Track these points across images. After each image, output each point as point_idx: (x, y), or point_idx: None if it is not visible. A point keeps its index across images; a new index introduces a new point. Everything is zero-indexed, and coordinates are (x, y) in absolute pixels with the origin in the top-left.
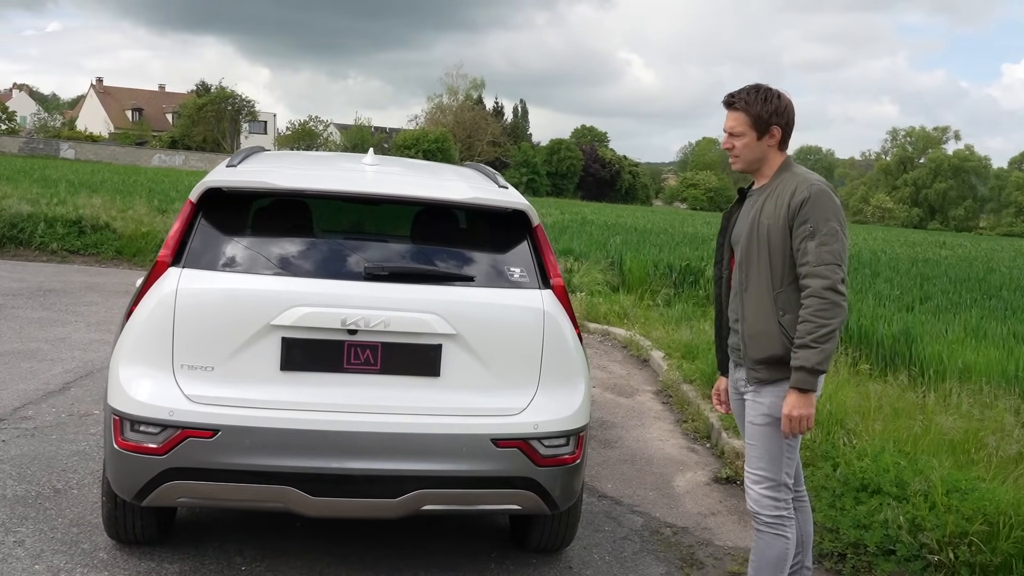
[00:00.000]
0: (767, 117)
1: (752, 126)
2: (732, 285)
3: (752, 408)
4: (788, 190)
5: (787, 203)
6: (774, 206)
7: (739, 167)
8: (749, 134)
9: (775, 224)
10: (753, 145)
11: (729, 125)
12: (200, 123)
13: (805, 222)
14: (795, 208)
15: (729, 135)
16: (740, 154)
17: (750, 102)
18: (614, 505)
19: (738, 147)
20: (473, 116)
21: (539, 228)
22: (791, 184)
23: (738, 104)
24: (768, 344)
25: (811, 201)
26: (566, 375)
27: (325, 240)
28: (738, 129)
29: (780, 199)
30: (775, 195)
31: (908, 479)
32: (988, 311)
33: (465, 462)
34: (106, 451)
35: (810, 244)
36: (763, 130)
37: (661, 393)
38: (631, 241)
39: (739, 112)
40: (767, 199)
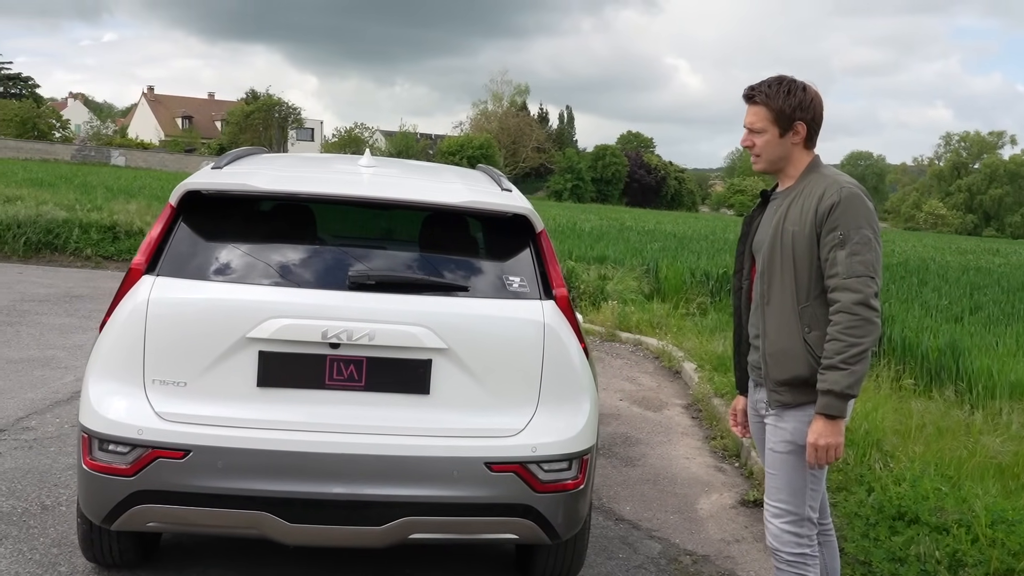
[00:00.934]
0: (790, 112)
1: (774, 122)
2: (753, 297)
3: (773, 434)
4: (816, 193)
5: (814, 208)
6: (800, 211)
7: (760, 167)
8: (771, 130)
9: (800, 231)
10: (775, 143)
11: (749, 120)
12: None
13: (834, 229)
14: (823, 213)
15: (749, 131)
16: (761, 152)
17: (771, 95)
18: (631, 529)
19: (759, 145)
20: (517, 122)
21: (543, 234)
22: (819, 187)
23: (758, 97)
24: (792, 364)
25: (841, 206)
26: (569, 393)
27: (308, 247)
28: (758, 125)
29: (807, 203)
30: (801, 198)
31: (949, 507)
32: None
33: (456, 487)
34: (77, 471)
35: (840, 253)
36: (786, 126)
37: (691, 407)
38: (669, 248)
39: (759, 106)
40: (792, 203)
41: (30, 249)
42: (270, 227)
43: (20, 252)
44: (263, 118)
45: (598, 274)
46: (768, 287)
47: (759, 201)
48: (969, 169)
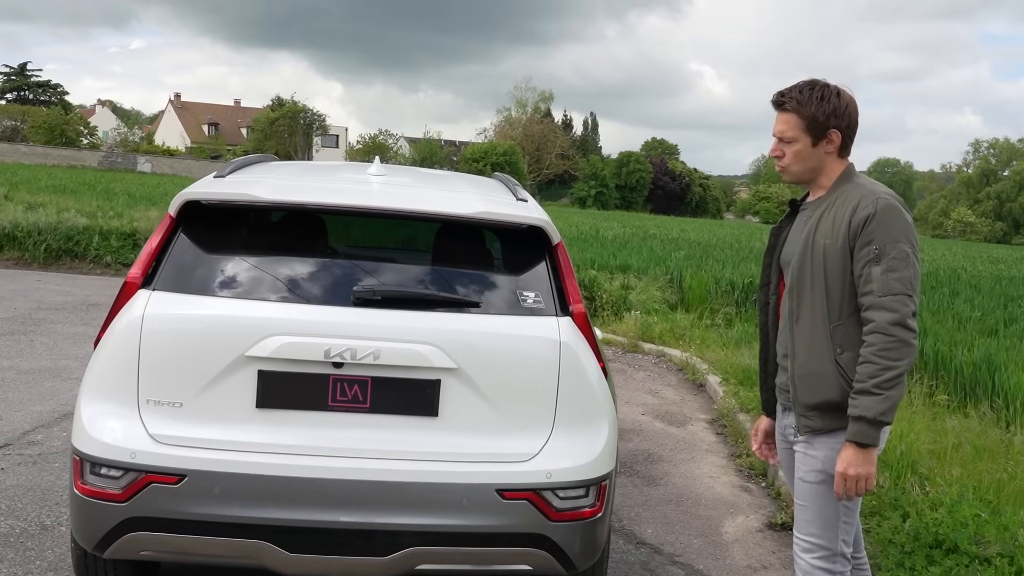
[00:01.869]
0: (824, 119)
1: (806, 130)
2: (781, 314)
3: (803, 462)
4: (849, 204)
5: (848, 220)
6: (832, 223)
7: (790, 178)
8: (803, 139)
9: (833, 244)
10: (807, 153)
11: (779, 129)
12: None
13: (869, 243)
14: (857, 226)
15: (779, 140)
16: (790, 163)
17: (803, 102)
18: (653, 554)
19: (788, 155)
20: (542, 129)
21: (560, 246)
22: (853, 197)
23: (789, 104)
24: (822, 387)
25: (877, 218)
26: (586, 415)
27: (311, 260)
28: (789, 134)
29: (839, 215)
30: (833, 210)
31: (990, 536)
32: None
33: (466, 516)
34: (69, 496)
35: (875, 270)
36: (819, 135)
37: (716, 422)
38: (694, 256)
39: (790, 114)
40: (824, 214)
41: (50, 256)
42: (272, 239)
43: (40, 259)
44: (288, 125)
45: (621, 283)
46: (798, 304)
47: (787, 211)
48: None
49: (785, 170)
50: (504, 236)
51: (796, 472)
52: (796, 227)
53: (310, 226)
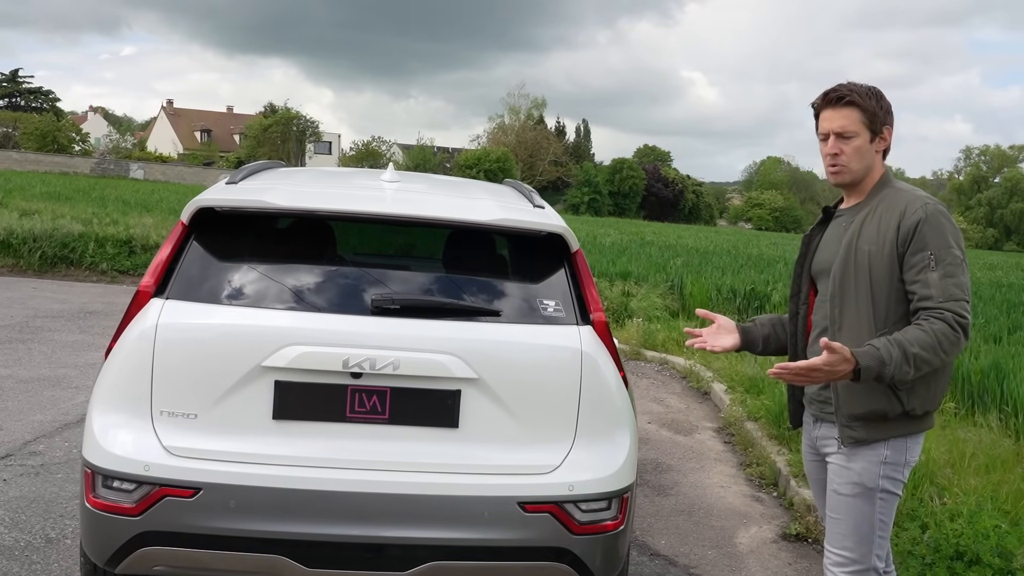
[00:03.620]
0: (882, 115)
1: (867, 126)
2: (812, 321)
3: (838, 475)
4: (895, 210)
5: (895, 226)
6: (876, 229)
7: (846, 179)
8: (863, 135)
9: (879, 251)
10: (866, 149)
11: (840, 125)
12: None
13: (923, 249)
14: (907, 232)
15: (837, 138)
16: (850, 161)
17: (862, 95)
18: (668, 566)
19: (848, 152)
20: (535, 136)
21: (579, 254)
22: (898, 203)
23: (852, 97)
24: (869, 396)
25: (928, 224)
26: (608, 426)
27: (327, 268)
28: (852, 129)
29: (885, 221)
30: (876, 216)
31: (1013, 548)
32: None
33: (488, 529)
34: (79, 509)
35: (932, 276)
36: (876, 131)
37: (723, 431)
38: (692, 263)
39: (852, 108)
40: (867, 221)
41: (46, 263)
42: (287, 247)
43: (36, 266)
44: (281, 131)
45: (621, 290)
46: (840, 311)
47: (819, 218)
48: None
49: (843, 169)
50: (522, 243)
51: (830, 484)
52: (831, 234)
53: (325, 233)
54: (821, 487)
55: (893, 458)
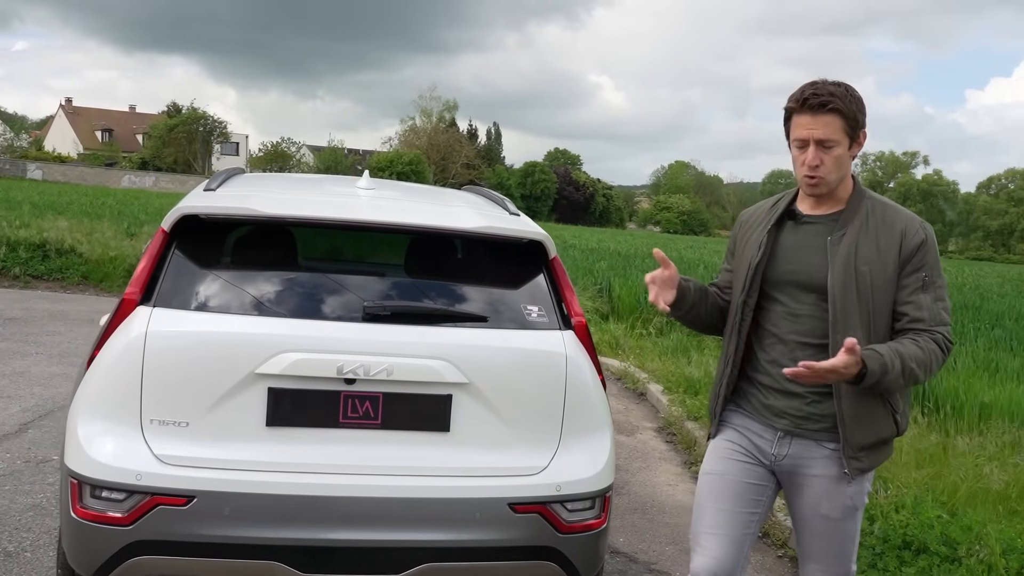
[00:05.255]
0: (861, 119)
1: (848, 133)
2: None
3: (830, 498)
4: (894, 229)
5: (898, 246)
6: (875, 249)
7: (822, 190)
8: (843, 143)
9: (880, 272)
10: (844, 158)
11: (823, 133)
12: (171, 144)
13: (919, 270)
14: (909, 253)
15: (818, 146)
16: (829, 173)
17: (845, 100)
18: (629, 563)
19: (828, 163)
20: (447, 138)
21: (556, 260)
22: (895, 222)
23: (835, 103)
24: (876, 426)
25: (927, 246)
26: (591, 428)
27: (317, 275)
28: (834, 138)
29: (884, 241)
30: (871, 233)
31: (957, 537)
32: (993, 342)
33: (479, 530)
34: (62, 520)
35: (924, 297)
36: (854, 137)
37: (663, 431)
38: (617, 266)
39: (835, 115)
40: (861, 238)
41: None
42: (273, 254)
43: None
44: (187, 132)
45: None
46: (843, 336)
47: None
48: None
49: (822, 181)
50: (504, 251)
51: (814, 507)
52: (802, 241)
53: (313, 241)
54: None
55: (870, 474)
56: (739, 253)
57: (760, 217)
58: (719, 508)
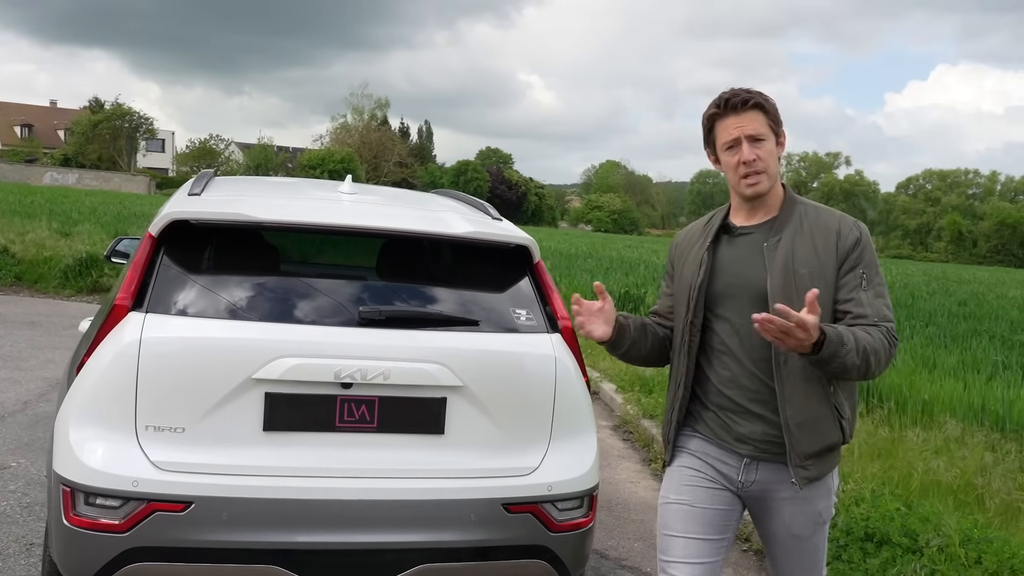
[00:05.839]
0: (779, 118)
1: (772, 128)
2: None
3: (799, 517)
4: (828, 229)
5: (834, 246)
6: (813, 251)
7: (765, 186)
8: (770, 138)
9: (819, 273)
10: (775, 153)
11: (753, 128)
12: (95, 140)
13: (856, 267)
14: (845, 252)
15: (752, 142)
16: (768, 165)
17: (764, 96)
18: (601, 560)
19: (764, 157)
20: (379, 136)
21: (540, 264)
22: (828, 222)
23: (757, 99)
24: (823, 432)
25: (863, 244)
26: (578, 428)
27: (310, 280)
28: (763, 131)
29: (820, 242)
30: (807, 236)
31: (916, 528)
32: (928, 339)
33: (473, 531)
34: (53, 528)
35: (864, 295)
36: (778, 133)
37: (619, 429)
38: (560, 266)
39: (758, 111)
40: (797, 241)
41: None
42: (265, 259)
43: None
44: (111, 128)
45: None
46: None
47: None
48: (808, 188)
49: (764, 174)
50: (491, 256)
51: (783, 529)
52: (740, 254)
53: (303, 246)
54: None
55: (834, 484)
56: (678, 276)
57: (694, 237)
58: (689, 538)
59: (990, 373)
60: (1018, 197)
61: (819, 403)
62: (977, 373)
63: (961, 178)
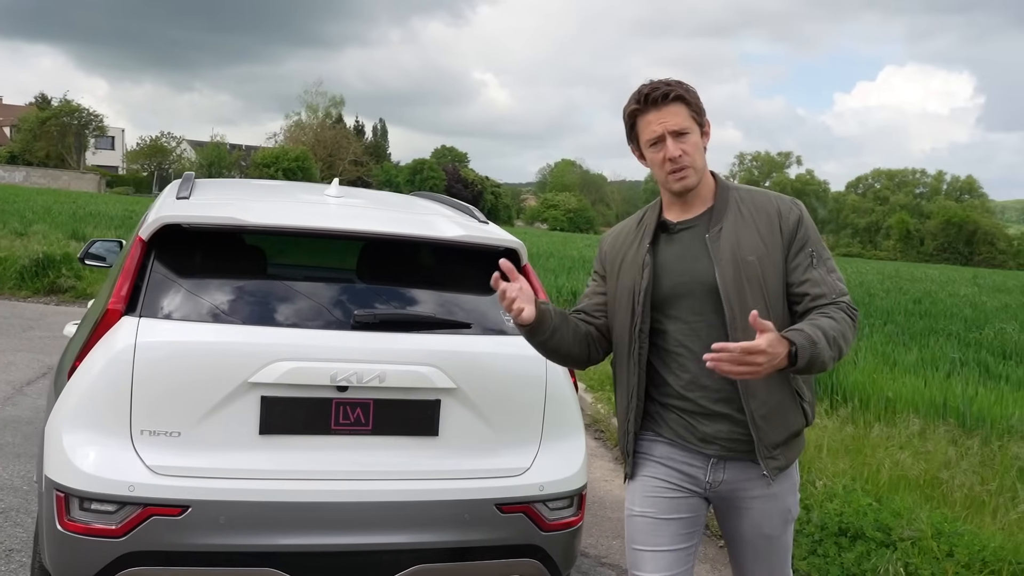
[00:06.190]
0: (702, 108)
1: (696, 120)
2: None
3: (769, 515)
4: (767, 211)
5: (778, 227)
6: (755, 235)
7: (693, 180)
8: (695, 130)
9: (768, 257)
10: (700, 146)
11: (676, 123)
12: (42, 138)
13: (804, 246)
14: (791, 232)
15: (675, 137)
16: (695, 160)
17: (685, 88)
18: (581, 558)
19: (690, 151)
20: (334, 135)
21: (528, 267)
22: (765, 204)
23: (677, 91)
24: (788, 419)
25: (804, 221)
26: (567, 429)
27: (303, 284)
28: (686, 125)
29: (762, 225)
30: (748, 221)
31: (889, 522)
32: (888, 337)
33: (467, 531)
34: (45, 533)
35: (816, 273)
36: (702, 124)
37: (591, 428)
38: None
39: (679, 104)
40: (740, 229)
41: None
42: (257, 263)
43: None
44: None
45: None
46: (746, 335)
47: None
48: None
49: (690, 169)
50: (479, 259)
51: (753, 529)
52: (682, 251)
53: (294, 249)
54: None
55: (798, 478)
56: (614, 279)
57: (627, 238)
58: (657, 551)
59: (948, 370)
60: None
61: (781, 391)
62: (936, 370)
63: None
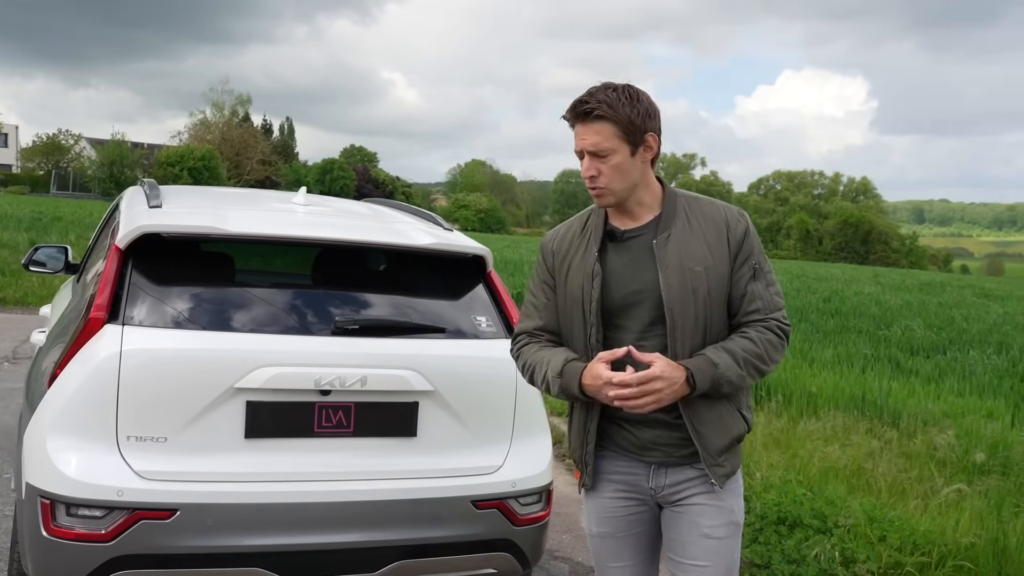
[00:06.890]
0: (640, 122)
1: (626, 139)
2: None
3: (713, 517)
4: (715, 220)
5: (726, 238)
6: (703, 246)
7: (610, 201)
8: (622, 150)
9: (715, 267)
10: (627, 165)
11: (592, 142)
12: None
13: (748, 259)
14: (738, 244)
15: (592, 157)
16: (610, 182)
17: (614, 104)
18: None
19: (606, 173)
20: (241, 133)
21: (492, 273)
22: (713, 214)
23: (600, 109)
24: (728, 424)
25: (750, 234)
26: (535, 429)
27: (284, 292)
28: (606, 146)
29: (711, 235)
30: (696, 231)
31: (824, 510)
32: (803, 335)
33: (445, 527)
34: (28, 540)
35: (756, 286)
36: (637, 142)
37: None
38: None
39: (603, 123)
40: (688, 239)
41: None
42: (233, 271)
43: None
44: None
45: None
46: (684, 344)
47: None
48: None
49: (605, 192)
50: (447, 266)
51: (695, 529)
52: (632, 259)
53: (270, 257)
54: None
55: (741, 482)
56: (561, 285)
57: (572, 242)
58: (623, 566)
59: (863, 366)
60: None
61: (717, 399)
62: (851, 366)
63: (807, 179)
